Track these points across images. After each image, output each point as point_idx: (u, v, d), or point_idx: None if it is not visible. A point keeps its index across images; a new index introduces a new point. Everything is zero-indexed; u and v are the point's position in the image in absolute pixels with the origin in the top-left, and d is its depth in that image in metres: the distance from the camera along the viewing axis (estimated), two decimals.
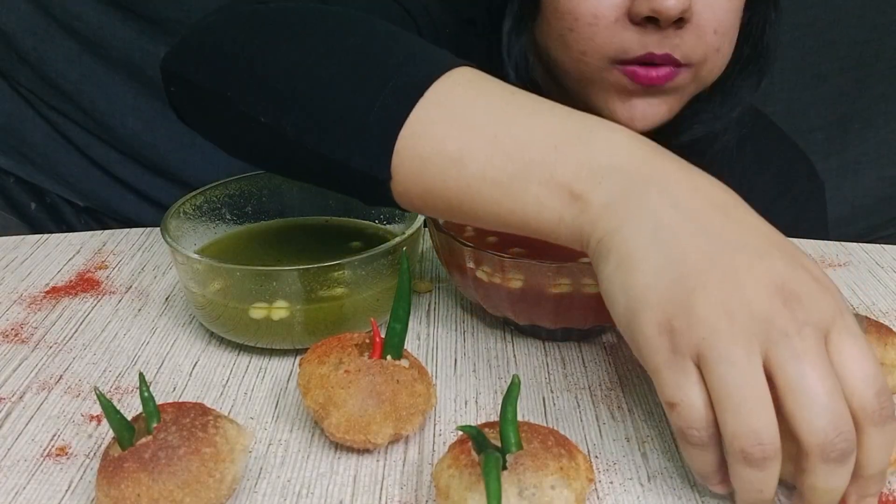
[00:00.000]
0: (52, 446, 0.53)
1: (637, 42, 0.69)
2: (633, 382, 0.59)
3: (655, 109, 0.73)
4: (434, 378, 0.59)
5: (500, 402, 0.47)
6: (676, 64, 0.70)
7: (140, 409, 0.47)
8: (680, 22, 0.69)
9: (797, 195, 0.88)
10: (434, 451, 0.52)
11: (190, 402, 0.49)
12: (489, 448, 0.43)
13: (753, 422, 0.41)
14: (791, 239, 0.79)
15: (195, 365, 0.61)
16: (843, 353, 0.42)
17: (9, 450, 0.52)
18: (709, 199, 0.46)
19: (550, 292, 0.58)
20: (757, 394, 0.41)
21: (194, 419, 0.46)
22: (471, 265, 0.60)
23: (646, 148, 0.48)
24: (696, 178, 0.47)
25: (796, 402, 0.41)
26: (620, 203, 0.46)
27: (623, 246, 0.45)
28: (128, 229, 0.82)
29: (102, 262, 0.76)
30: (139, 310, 0.68)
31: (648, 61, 0.70)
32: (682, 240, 0.44)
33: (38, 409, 0.56)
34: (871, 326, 0.55)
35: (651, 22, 0.68)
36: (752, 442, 0.41)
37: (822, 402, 0.41)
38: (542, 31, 0.75)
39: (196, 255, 0.59)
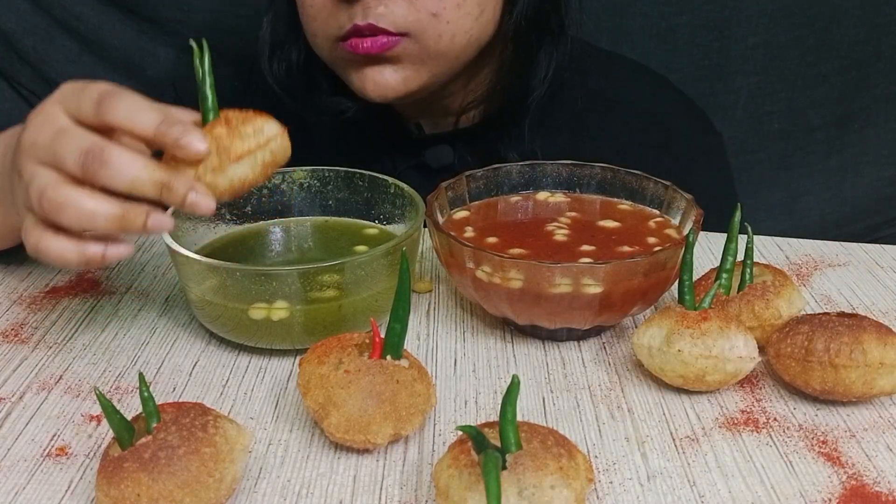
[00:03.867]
0: (52, 446, 0.53)
1: (345, 16, 0.74)
2: (633, 382, 0.59)
3: (387, 78, 0.77)
4: (434, 378, 0.59)
5: (499, 402, 0.47)
6: (389, 34, 0.74)
7: (140, 409, 0.47)
8: None
9: (683, 152, 0.90)
10: (434, 451, 0.52)
11: (190, 402, 0.49)
12: (489, 448, 0.43)
13: (33, 190, 0.52)
14: (788, 239, 0.80)
15: (195, 365, 0.61)
16: (63, 103, 0.54)
17: (9, 450, 0.52)
18: None
19: (550, 292, 0.58)
20: (35, 179, 0.52)
21: (194, 419, 0.46)
22: (471, 265, 0.60)
23: None
24: None
25: (52, 161, 0.52)
26: None
27: None
28: None
29: None
30: (139, 310, 0.68)
31: (358, 33, 0.74)
32: None
33: (38, 409, 0.56)
34: (870, 326, 0.55)
35: None
36: (38, 199, 0.51)
37: (52, 145, 0.52)
38: None
39: (195, 255, 0.59)
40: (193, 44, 0.54)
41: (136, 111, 0.51)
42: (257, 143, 0.53)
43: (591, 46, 0.89)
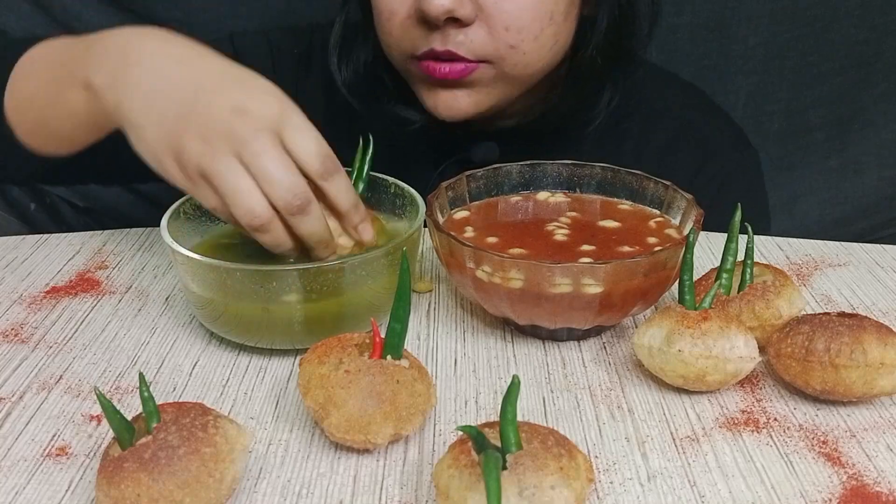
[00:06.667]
0: (52, 446, 0.53)
1: (423, 39, 0.74)
2: (633, 382, 0.59)
3: (459, 101, 0.78)
4: (434, 378, 0.59)
5: (500, 402, 0.47)
6: (466, 60, 0.74)
7: (140, 409, 0.47)
8: (457, 22, 0.72)
9: (721, 166, 0.90)
10: (434, 451, 0.52)
11: (190, 402, 0.49)
12: (489, 448, 0.43)
13: (246, 203, 0.56)
14: (789, 239, 0.80)
15: (195, 365, 0.61)
16: (292, 140, 0.58)
17: (9, 450, 0.52)
18: (173, 58, 0.63)
19: (550, 292, 0.58)
20: (242, 185, 0.56)
21: (194, 419, 0.46)
22: (471, 265, 0.60)
23: (133, 36, 0.66)
24: (164, 46, 0.65)
25: (266, 186, 0.57)
26: (118, 84, 0.62)
27: (128, 117, 0.61)
28: (128, 229, 0.82)
29: (102, 262, 0.76)
30: (139, 310, 0.68)
31: (435, 57, 0.74)
32: (161, 99, 0.60)
33: (38, 409, 0.56)
34: (871, 326, 0.55)
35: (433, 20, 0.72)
36: (250, 217, 0.57)
37: (278, 177, 0.56)
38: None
39: (195, 255, 0.59)
40: (362, 140, 0.67)
41: (345, 190, 0.61)
42: (376, 243, 0.64)
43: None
